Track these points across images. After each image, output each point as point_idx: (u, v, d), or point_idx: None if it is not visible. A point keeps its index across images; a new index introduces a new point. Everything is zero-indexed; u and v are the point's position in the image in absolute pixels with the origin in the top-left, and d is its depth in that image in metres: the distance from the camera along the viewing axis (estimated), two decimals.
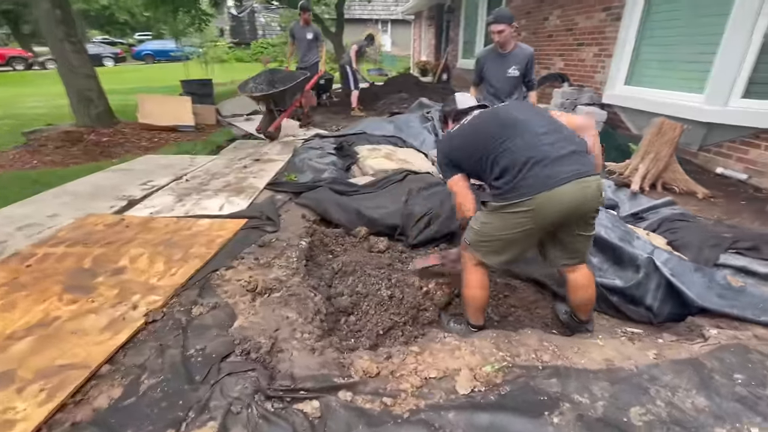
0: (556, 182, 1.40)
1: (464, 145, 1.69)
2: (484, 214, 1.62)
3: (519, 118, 1.56)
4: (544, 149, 1.44)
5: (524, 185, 1.44)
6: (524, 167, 1.44)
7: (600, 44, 5.00)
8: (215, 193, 3.27)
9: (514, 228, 1.52)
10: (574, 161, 1.44)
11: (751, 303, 1.78)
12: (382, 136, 5.16)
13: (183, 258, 2.24)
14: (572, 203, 1.43)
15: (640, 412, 1.27)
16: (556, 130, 1.51)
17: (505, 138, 1.51)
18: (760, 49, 3.02)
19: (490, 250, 1.63)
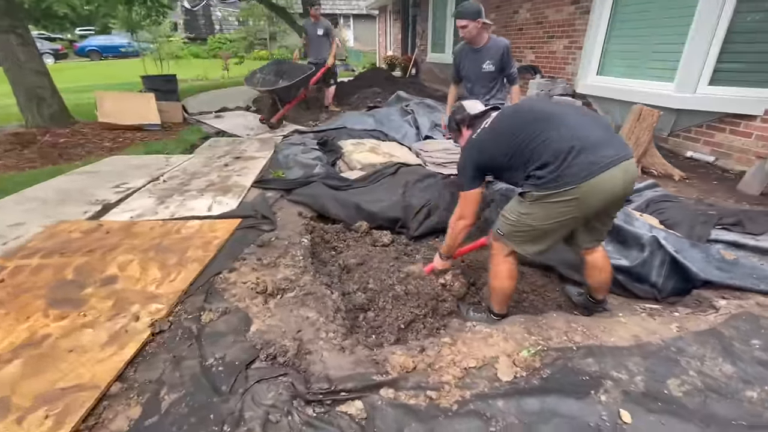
0: (601, 168, 1.39)
1: (496, 146, 1.63)
2: (524, 204, 1.58)
3: (551, 111, 1.56)
4: (584, 136, 1.43)
5: (569, 173, 1.41)
6: (568, 155, 1.41)
7: (570, 36, 5.18)
8: (200, 193, 3.07)
9: (558, 217, 1.50)
10: (613, 145, 1.44)
11: (747, 273, 1.90)
12: (363, 130, 5.09)
13: (179, 263, 2.08)
14: (616, 188, 1.43)
15: (677, 383, 1.31)
16: (590, 117, 1.53)
17: (542, 130, 1.49)
18: (723, 39, 3.24)
19: (527, 239, 1.62)
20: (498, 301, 1.78)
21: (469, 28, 2.68)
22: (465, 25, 2.67)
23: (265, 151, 4.28)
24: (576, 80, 4.92)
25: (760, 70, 3.14)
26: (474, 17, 2.64)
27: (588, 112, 1.59)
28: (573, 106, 1.64)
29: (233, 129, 5.46)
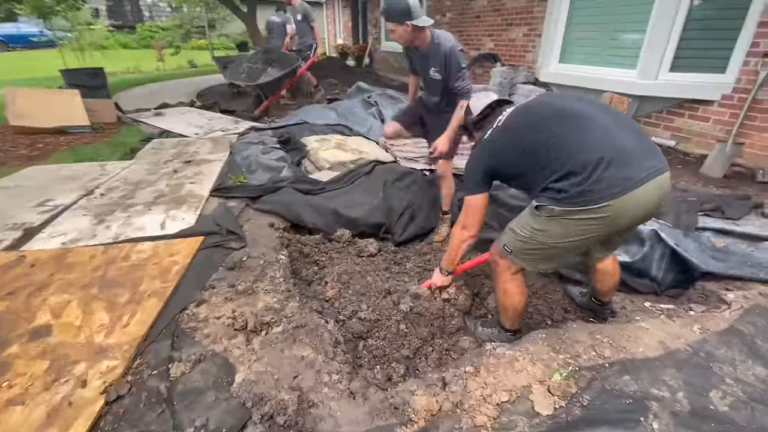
0: (635, 183, 1.20)
1: (509, 149, 1.44)
2: (540, 220, 1.35)
3: (577, 110, 1.33)
4: (617, 145, 1.22)
5: (598, 189, 1.20)
6: (597, 167, 1.20)
7: (529, 24, 5.18)
8: (147, 208, 2.64)
9: (579, 235, 1.31)
10: (649, 156, 1.24)
11: (741, 262, 1.92)
12: (326, 125, 4.77)
13: (132, 299, 1.71)
14: (650, 205, 1.26)
15: (719, 395, 1.23)
16: (620, 120, 1.31)
17: (567, 134, 1.29)
18: (683, 26, 3.33)
19: (539, 258, 1.44)
20: (509, 318, 1.63)
21: (398, 32, 2.16)
22: (393, 29, 2.17)
23: (220, 152, 3.84)
24: (538, 68, 4.93)
25: (716, 56, 3.25)
26: (399, 20, 2.10)
27: (617, 112, 1.39)
28: (599, 104, 1.40)
29: (178, 128, 4.89)
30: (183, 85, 9.34)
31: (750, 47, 3.00)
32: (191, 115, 5.72)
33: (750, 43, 2.99)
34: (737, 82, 3.13)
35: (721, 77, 3.22)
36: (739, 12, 3.03)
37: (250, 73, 6.14)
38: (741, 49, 3.06)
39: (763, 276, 1.79)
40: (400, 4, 2.08)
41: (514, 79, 5.16)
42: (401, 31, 2.16)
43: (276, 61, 5.84)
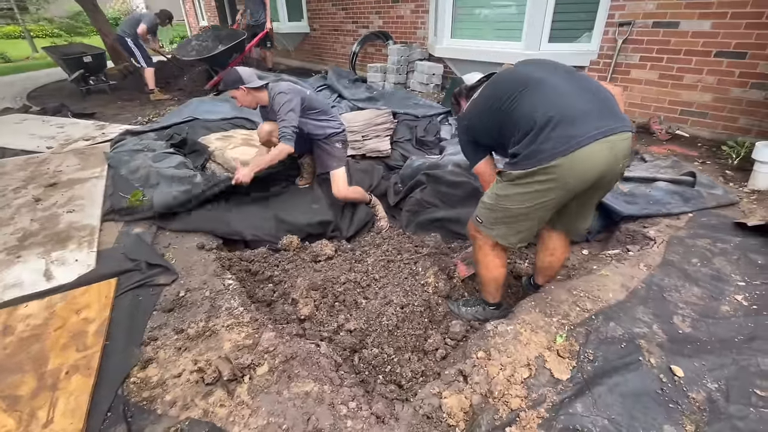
0: (579, 142, 1.17)
1: (480, 114, 1.42)
2: (501, 185, 1.36)
3: (533, 75, 1.30)
4: (566, 105, 1.21)
5: (545, 149, 1.20)
6: (545, 127, 1.20)
7: (416, 1, 5.26)
8: (14, 255, 1.97)
9: (537, 200, 1.29)
10: (603, 115, 1.22)
11: (646, 201, 2.28)
12: (221, 120, 4.20)
13: (43, 385, 1.27)
14: (599, 166, 1.22)
15: (680, 320, 1.45)
16: (578, 82, 1.29)
17: (518, 95, 1.29)
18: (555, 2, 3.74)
19: (507, 228, 1.42)
20: (491, 291, 1.66)
21: (239, 98, 2.35)
22: (233, 96, 2.37)
23: (94, 167, 3.08)
24: (431, 45, 5.07)
25: (583, 27, 3.75)
26: (234, 86, 2.31)
27: (583, 76, 1.38)
28: (563, 68, 1.37)
29: (19, 143, 3.77)
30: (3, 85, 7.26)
31: (607, 19, 3.53)
32: (31, 124, 4.47)
33: (607, 15, 3.51)
34: (600, 49, 3.67)
35: (588, 46, 3.74)
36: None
37: (200, 50, 6.35)
38: (600, 21, 3.58)
39: (665, 211, 2.16)
40: (232, 75, 2.32)
41: (410, 56, 5.24)
42: (239, 95, 2.34)
43: (225, 38, 6.26)
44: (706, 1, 2.96)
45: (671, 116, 3.39)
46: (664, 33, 3.24)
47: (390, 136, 3.70)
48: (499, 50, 4.22)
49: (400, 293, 1.75)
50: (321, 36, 7.45)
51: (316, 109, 2.45)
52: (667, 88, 3.35)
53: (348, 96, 4.71)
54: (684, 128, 3.33)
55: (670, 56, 3.26)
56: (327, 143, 2.49)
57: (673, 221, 2.10)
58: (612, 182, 1.39)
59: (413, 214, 2.58)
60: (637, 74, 3.50)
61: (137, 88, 6.19)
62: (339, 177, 2.46)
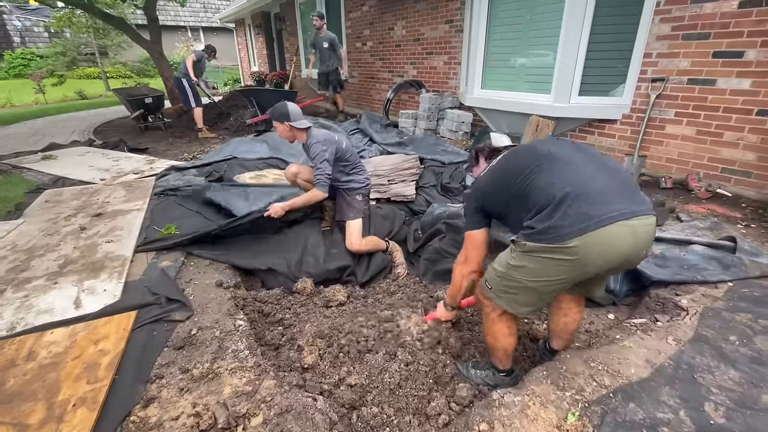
0: (600, 222, 1.13)
1: (495, 182, 1.42)
2: (515, 255, 1.30)
3: (552, 151, 1.31)
4: (583, 182, 1.19)
5: (562, 225, 1.16)
6: (562, 203, 1.17)
7: (449, 53, 5.50)
8: (52, 281, 2.13)
9: (550, 276, 1.24)
10: (624, 197, 1.18)
11: (679, 266, 2.14)
12: (258, 159, 4.48)
13: (51, 416, 1.32)
14: (622, 249, 1.17)
15: (712, 408, 1.30)
16: (598, 161, 1.28)
17: (534, 170, 1.28)
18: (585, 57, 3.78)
19: (516, 298, 1.35)
20: (500, 359, 1.58)
21: (279, 130, 2.58)
22: (276, 126, 2.59)
23: (137, 200, 3.33)
24: (462, 94, 5.22)
25: (614, 82, 3.74)
26: (280, 120, 2.52)
27: (605, 158, 1.33)
28: (586, 149, 1.36)
29: (78, 173, 4.18)
30: (74, 120, 8.18)
31: (640, 74, 3.50)
32: (92, 156, 4.97)
33: (639, 70, 3.50)
34: (633, 103, 3.62)
35: (620, 99, 3.71)
36: (628, 44, 3.53)
37: None
38: (633, 76, 3.56)
39: (700, 278, 2.00)
40: (280, 108, 2.52)
41: (441, 104, 5.40)
42: (282, 129, 2.55)
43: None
44: (744, 60, 2.89)
45: (712, 174, 3.22)
46: (700, 90, 3.16)
47: (416, 181, 3.76)
48: (529, 101, 4.26)
49: (406, 349, 1.70)
50: (359, 83, 7.88)
51: (347, 162, 2.62)
52: (705, 144, 3.22)
53: (378, 140, 4.88)
54: (726, 187, 3.14)
55: (707, 113, 3.16)
56: (348, 194, 2.61)
57: (710, 290, 1.94)
58: (633, 264, 1.32)
59: (431, 262, 2.55)
60: (673, 129, 3.40)
61: (188, 126, 6.76)
62: (354, 228, 2.52)
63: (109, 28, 12.18)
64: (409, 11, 5.97)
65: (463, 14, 5.06)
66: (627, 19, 3.49)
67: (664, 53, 3.31)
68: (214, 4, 21.43)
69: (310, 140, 2.56)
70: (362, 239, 2.54)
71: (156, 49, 7.42)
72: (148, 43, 7.40)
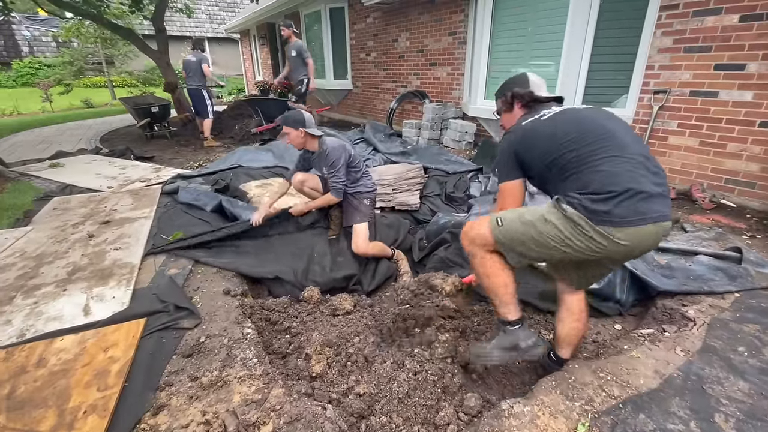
0: (644, 220, 1.23)
1: (542, 141, 1.39)
2: (552, 212, 1.31)
3: (616, 136, 1.32)
4: (643, 181, 1.25)
5: (617, 213, 1.22)
6: (620, 195, 1.23)
7: (452, 64, 5.57)
8: (61, 288, 2.15)
9: (578, 246, 1.29)
10: (662, 202, 1.28)
11: (685, 276, 2.14)
12: (263, 168, 4.51)
13: (62, 423, 1.32)
14: (647, 243, 1.30)
15: (723, 419, 1.30)
16: (647, 159, 1.32)
17: (596, 152, 1.29)
18: (588, 68, 3.83)
19: (519, 247, 1.37)
20: (504, 304, 1.47)
21: (292, 136, 2.59)
22: (287, 132, 2.59)
23: (144, 208, 3.36)
24: (465, 104, 5.28)
25: (617, 93, 3.78)
26: (294, 126, 2.56)
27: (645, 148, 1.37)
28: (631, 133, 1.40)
29: (85, 181, 4.22)
30: (80, 128, 8.27)
31: (642, 86, 3.54)
32: (99, 164, 5.01)
33: (642, 82, 3.54)
34: (636, 114, 3.65)
35: (623, 111, 3.74)
36: (630, 57, 3.58)
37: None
38: (635, 88, 3.60)
39: (707, 288, 2.01)
40: (295, 115, 2.57)
41: (445, 114, 5.46)
42: (294, 134, 2.58)
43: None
44: (746, 73, 2.92)
45: (715, 184, 3.24)
46: (702, 102, 3.19)
47: (420, 191, 3.78)
48: None
49: (414, 358, 1.70)
50: (362, 93, 7.97)
51: (356, 168, 2.68)
52: (709, 155, 3.24)
53: (382, 149, 4.92)
54: (730, 197, 3.16)
55: (710, 124, 3.18)
56: (356, 198, 2.63)
57: (717, 301, 1.94)
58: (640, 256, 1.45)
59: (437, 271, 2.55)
60: (676, 140, 3.42)
61: (193, 134, 6.83)
62: (360, 232, 2.55)
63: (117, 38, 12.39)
64: (413, 23, 6.07)
65: (467, 26, 5.14)
66: (629, 32, 3.54)
67: (666, 65, 3.35)
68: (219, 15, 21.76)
69: (323, 147, 2.62)
70: (368, 243, 2.57)
71: (163, 59, 7.53)
72: (156, 53, 7.51)
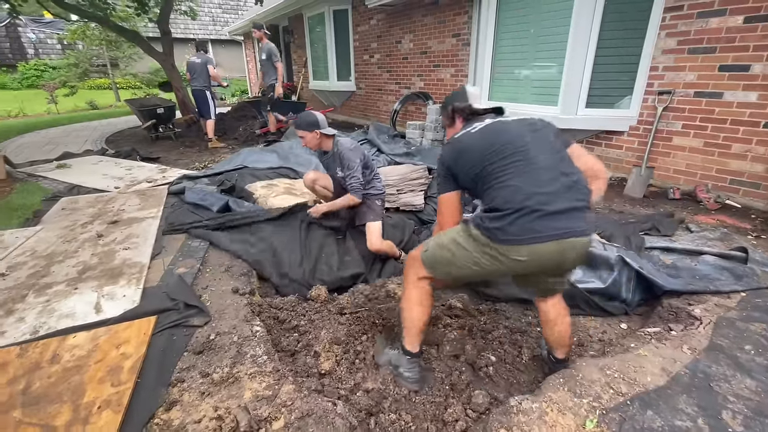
0: (538, 239, 1.25)
1: (470, 154, 1.41)
2: (463, 235, 1.39)
3: (530, 150, 1.33)
4: (545, 199, 1.26)
5: (511, 231, 1.26)
6: (517, 212, 1.26)
7: (456, 66, 5.60)
8: (72, 286, 2.18)
9: (489, 265, 1.35)
10: (569, 218, 1.27)
11: (691, 276, 2.15)
12: (268, 168, 4.55)
13: (77, 418, 1.34)
14: (550, 262, 1.31)
15: (730, 416, 1.31)
16: (563, 175, 1.32)
17: (513, 167, 1.31)
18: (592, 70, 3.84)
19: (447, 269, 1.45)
20: (408, 334, 1.56)
21: (308, 139, 2.61)
22: (303, 135, 2.61)
23: (151, 208, 3.39)
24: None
25: (620, 95, 3.80)
26: (308, 128, 2.57)
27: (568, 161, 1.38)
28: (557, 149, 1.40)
29: (92, 182, 4.26)
30: (86, 129, 8.34)
31: (646, 87, 3.56)
32: (105, 165, 5.06)
33: (646, 83, 3.55)
34: (640, 115, 3.66)
35: (627, 112, 3.76)
36: (634, 58, 3.59)
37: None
38: (639, 89, 3.61)
39: (713, 288, 2.01)
40: (310, 117, 2.58)
41: None
42: (310, 137, 2.59)
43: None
44: (750, 74, 2.94)
45: (720, 185, 3.24)
46: (707, 103, 3.21)
47: (424, 191, 3.80)
48: (535, 114, 4.30)
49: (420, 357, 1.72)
50: (366, 94, 8.00)
51: (369, 169, 2.73)
52: (713, 156, 3.25)
53: (386, 150, 4.94)
54: (735, 198, 3.16)
55: (715, 125, 3.20)
56: (369, 198, 2.70)
57: (723, 300, 1.95)
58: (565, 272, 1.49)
59: None
60: (680, 141, 3.43)
61: (198, 136, 6.87)
62: (375, 229, 2.58)
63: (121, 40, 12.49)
64: (417, 25, 6.10)
65: (470, 28, 5.17)
66: (633, 33, 3.56)
67: (670, 67, 3.37)
68: (222, 17, 21.87)
69: (338, 148, 2.64)
70: (382, 240, 2.61)
71: (168, 61, 7.59)
72: (161, 55, 7.57)
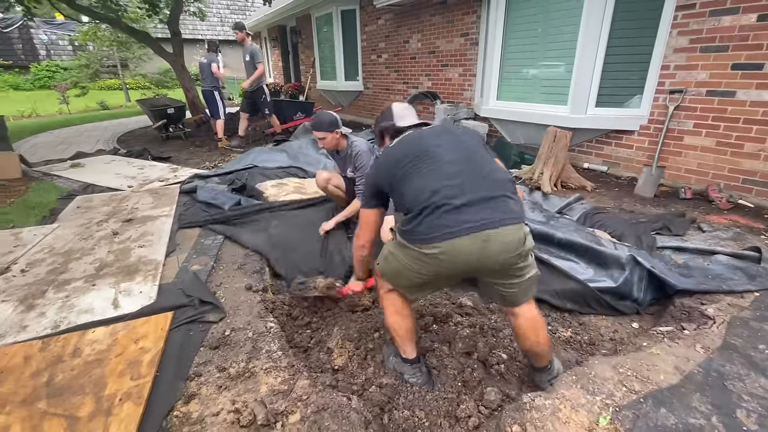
0: (450, 234, 1.22)
1: (387, 166, 1.45)
2: (394, 244, 1.42)
3: (440, 152, 1.36)
4: (448, 192, 1.25)
5: (420, 231, 1.27)
6: (424, 210, 1.26)
7: (464, 65, 5.60)
8: (90, 282, 2.23)
9: (420, 269, 1.33)
10: (482, 208, 1.24)
11: (704, 276, 2.14)
12: (278, 168, 4.59)
13: (99, 410, 1.38)
14: (470, 257, 1.23)
15: (744, 414, 1.31)
16: (473, 166, 1.32)
17: (419, 169, 1.34)
18: (602, 69, 3.83)
19: (398, 281, 1.46)
20: (399, 343, 1.59)
21: (327, 140, 2.61)
22: (323, 137, 2.60)
23: (164, 206, 3.44)
24: (477, 105, 5.30)
25: (631, 94, 3.77)
26: (329, 129, 2.58)
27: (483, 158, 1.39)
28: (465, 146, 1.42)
29: (105, 180, 4.34)
30: (97, 129, 8.45)
31: (657, 86, 3.54)
32: (117, 164, 5.13)
33: (657, 82, 3.53)
34: (651, 114, 3.64)
35: (638, 111, 3.74)
36: (645, 57, 3.57)
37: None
38: (650, 88, 3.59)
39: (726, 287, 2.00)
40: (329, 117, 2.59)
41: (457, 115, 5.48)
42: (330, 137, 2.60)
43: None
44: (764, 72, 2.91)
45: (733, 185, 3.22)
46: (719, 101, 3.18)
47: None
48: (544, 113, 4.31)
49: (434, 352, 1.74)
50: (373, 94, 8.03)
51: None
52: (726, 155, 3.22)
53: None
54: (747, 198, 3.13)
55: (727, 124, 3.17)
56: None
57: (736, 300, 1.94)
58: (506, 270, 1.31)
59: None
60: (692, 141, 3.41)
61: (208, 135, 6.94)
62: (387, 222, 2.59)
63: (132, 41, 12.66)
64: (425, 25, 6.11)
65: (479, 27, 5.17)
66: (644, 32, 3.54)
67: (682, 65, 3.35)
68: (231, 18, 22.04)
69: (351, 148, 2.68)
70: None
71: (178, 62, 7.68)
72: (171, 56, 7.66)
